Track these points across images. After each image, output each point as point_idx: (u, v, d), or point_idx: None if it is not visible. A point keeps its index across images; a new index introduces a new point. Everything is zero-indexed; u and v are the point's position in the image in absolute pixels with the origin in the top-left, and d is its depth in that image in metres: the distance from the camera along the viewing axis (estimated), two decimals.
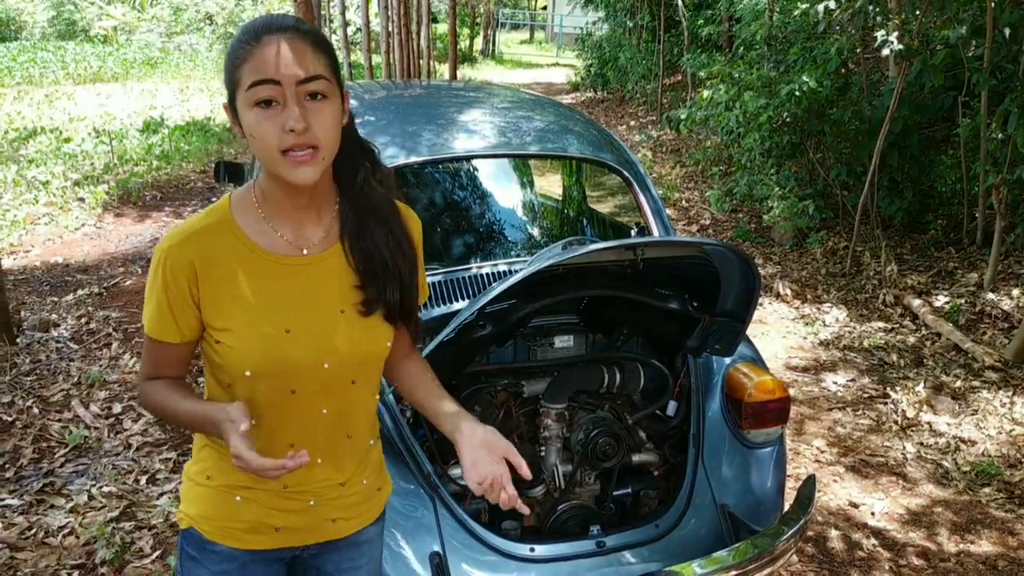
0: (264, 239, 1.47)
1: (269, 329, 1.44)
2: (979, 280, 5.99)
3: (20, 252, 7.08)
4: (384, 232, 1.52)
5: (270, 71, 1.32)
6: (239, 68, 1.35)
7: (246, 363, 1.44)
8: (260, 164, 1.44)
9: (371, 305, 1.51)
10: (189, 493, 1.60)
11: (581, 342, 2.81)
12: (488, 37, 31.80)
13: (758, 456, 2.70)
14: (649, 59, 15.87)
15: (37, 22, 31.25)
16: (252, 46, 1.34)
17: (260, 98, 1.33)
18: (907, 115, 6.79)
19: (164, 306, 1.44)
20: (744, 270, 2.31)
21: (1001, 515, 3.66)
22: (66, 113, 14.32)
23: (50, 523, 3.42)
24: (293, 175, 1.37)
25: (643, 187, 3.12)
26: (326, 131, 1.37)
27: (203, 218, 1.47)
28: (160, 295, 1.44)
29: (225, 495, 1.54)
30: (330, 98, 1.38)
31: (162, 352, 1.50)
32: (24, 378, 4.67)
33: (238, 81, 1.35)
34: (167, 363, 1.52)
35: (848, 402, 4.72)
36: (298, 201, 1.47)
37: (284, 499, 1.55)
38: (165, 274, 1.42)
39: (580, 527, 2.52)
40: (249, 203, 1.49)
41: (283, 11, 28.05)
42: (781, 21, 9.05)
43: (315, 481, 1.56)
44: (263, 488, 1.52)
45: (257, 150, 1.38)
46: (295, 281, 1.48)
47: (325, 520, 1.60)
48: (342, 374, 1.51)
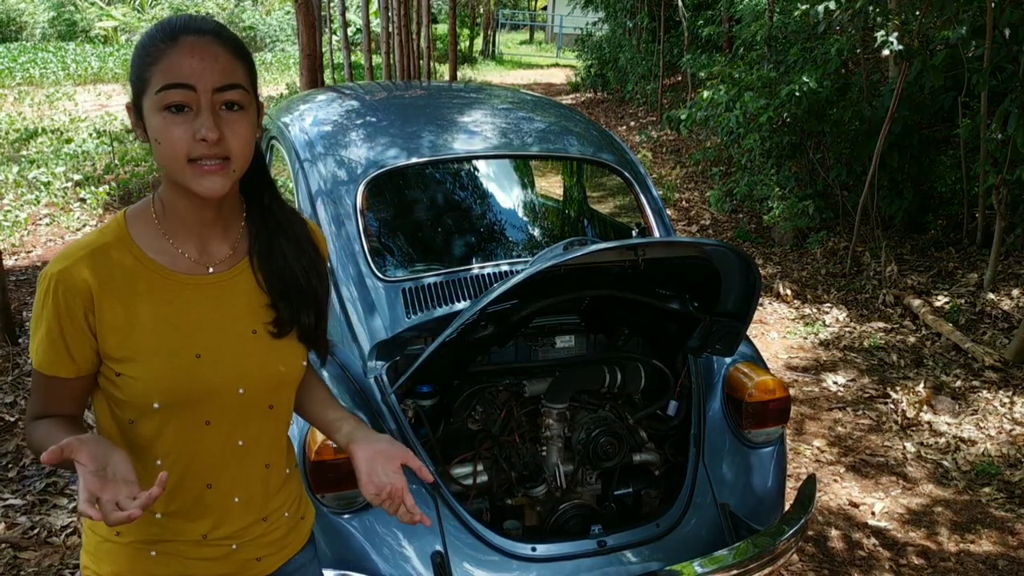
0: (165, 257, 1.35)
1: (178, 355, 1.33)
2: (979, 280, 6.00)
3: (21, 253, 7.09)
4: (295, 250, 1.44)
5: (185, 75, 1.23)
6: (150, 68, 1.24)
7: (153, 394, 1.31)
8: (162, 176, 1.34)
9: (284, 327, 1.41)
10: (97, 549, 1.43)
11: (582, 342, 2.82)
12: (488, 37, 31.82)
13: (759, 456, 2.71)
14: (649, 59, 15.88)
15: (38, 23, 31.27)
16: (167, 46, 1.24)
17: (171, 102, 1.24)
18: (907, 115, 6.80)
19: (55, 336, 1.29)
20: (744, 270, 2.32)
21: (1001, 515, 3.67)
22: (67, 114, 14.34)
23: (53, 523, 3.43)
24: (200, 185, 1.27)
25: (643, 188, 3.13)
26: (240, 143, 1.28)
27: (96, 237, 1.33)
28: (51, 324, 1.29)
29: (138, 551, 1.40)
30: (246, 109, 1.29)
31: (54, 389, 1.34)
32: (26, 378, 4.68)
33: (147, 80, 1.25)
34: (59, 401, 1.35)
35: (848, 402, 4.73)
36: (204, 215, 1.36)
37: (202, 547, 1.43)
38: (57, 300, 1.28)
39: (581, 527, 2.53)
40: (148, 219, 1.36)
41: (284, 12, 28.10)
42: (781, 22, 9.06)
43: (235, 523, 1.44)
44: (180, 540, 1.41)
45: (162, 157, 1.27)
46: (202, 301, 1.37)
47: (249, 560, 1.48)
48: (258, 399, 1.41)
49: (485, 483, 2.57)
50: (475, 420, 2.65)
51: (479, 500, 2.57)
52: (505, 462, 2.59)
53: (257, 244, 1.42)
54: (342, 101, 3.69)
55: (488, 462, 2.60)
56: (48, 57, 23.19)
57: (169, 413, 1.33)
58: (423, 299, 2.60)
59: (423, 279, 2.66)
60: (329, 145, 3.06)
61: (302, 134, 3.15)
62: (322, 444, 2.21)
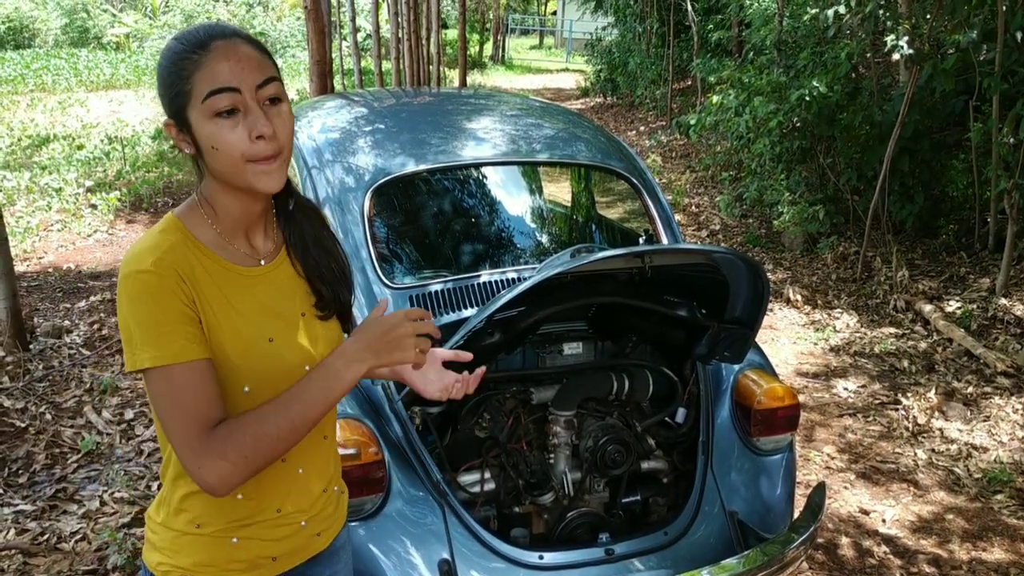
0: (226, 253, 1.42)
1: (256, 341, 1.40)
2: (991, 285, 5.96)
3: (33, 258, 7.13)
4: (319, 235, 1.53)
5: (226, 78, 1.27)
6: (188, 80, 1.28)
7: (244, 380, 1.37)
8: (209, 179, 1.38)
9: (327, 309, 1.51)
10: (175, 543, 1.46)
11: (590, 349, 2.82)
12: (498, 43, 31.86)
13: (767, 463, 2.70)
14: (659, 64, 15.87)
15: (50, 29, 31.47)
16: (200, 55, 1.28)
17: (221, 108, 1.28)
18: (918, 119, 6.77)
19: (176, 319, 1.29)
20: (753, 277, 2.31)
21: (1013, 522, 3.64)
22: (79, 120, 14.42)
23: (63, 528, 3.44)
24: (261, 183, 1.33)
25: (652, 194, 3.13)
26: (287, 134, 1.35)
27: (163, 236, 1.36)
28: (167, 310, 1.29)
29: (220, 540, 1.46)
30: (284, 100, 1.36)
31: (199, 378, 1.31)
32: (37, 384, 4.70)
33: (189, 93, 1.28)
34: (213, 392, 1.32)
35: (859, 408, 4.70)
36: (254, 212, 1.43)
37: (278, 527, 1.49)
38: (165, 284, 1.29)
39: (589, 534, 2.53)
40: (200, 219, 1.41)
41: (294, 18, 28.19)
42: (791, 26, 9.05)
43: (303, 496, 1.52)
44: (258, 520, 1.47)
45: (221, 163, 1.31)
46: (261, 291, 1.44)
47: (312, 536, 1.57)
48: None
49: (492, 491, 2.57)
50: (482, 427, 2.64)
51: (486, 508, 2.57)
52: (512, 470, 2.58)
53: (291, 235, 1.50)
54: (350, 108, 3.70)
55: (495, 470, 2.59)
56: (60, 64, 23.34)
57: (256, 396, 1.38)
58: (430, 306, 2.60)
59: (430, 286, 2.66)
60: (337, 152, 3.06)
61: (310, 141, 3.15)
62: None
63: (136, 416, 4.40)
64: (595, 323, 2.77)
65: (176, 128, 1.34)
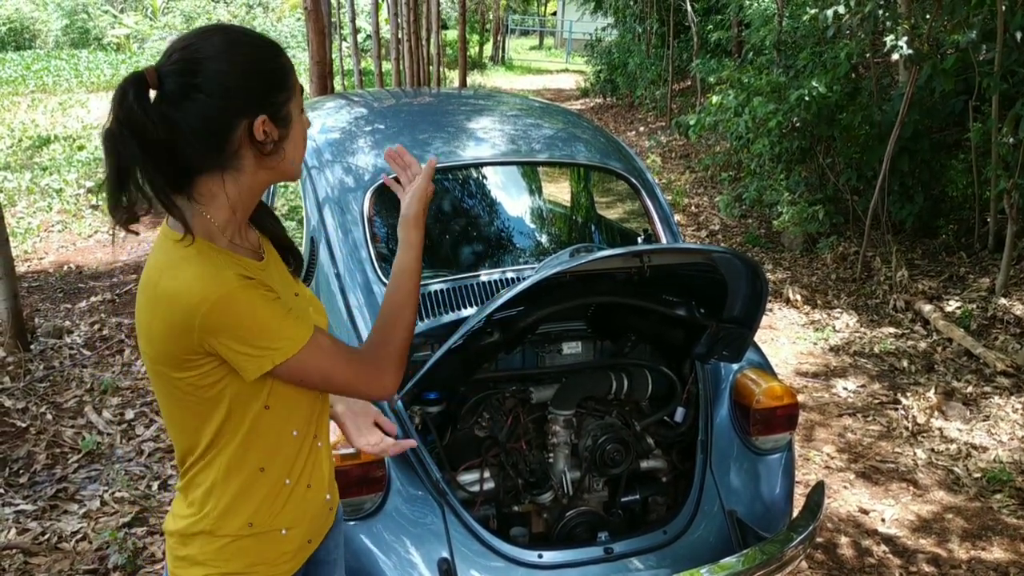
0: (243, 253, 1.45)
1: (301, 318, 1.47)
2: (991, 285, 5.96)
3: (34, 259, 7.14)
4: (263, 208, 1.58)
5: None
6: (287, 78, 1.40)
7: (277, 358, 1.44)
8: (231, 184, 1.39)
9: (298, 271, 1.61)
10: (223, 552, 1.47)
11: (589, 348, 2.82)
12: (498, 43, 31.86)
13: (767, 462, 2.70)
14: (658, 64, 15.88)
15: (51, 31, 31.47)
16: (282, 57, 1.41)
17: None
18: (917, 119, 6.77)
19: (283, 309, 1.37)
20: (751, 276, 2.32)
21: (1013, 522, 3.64)
22: (79, 121, 14.43)
23: (63, 528, 3.45)
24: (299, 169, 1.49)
25: (651, 194, 3.13)
26: None
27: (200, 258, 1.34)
28: (274, 304, 1.35)
29: (272, 535, 1.49)
30: None
31: (329, 336, 1.45)
32: (38, 384, 4.71)
33: (292, 88, 1.41)
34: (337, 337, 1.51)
35: (858, 408, 4.71)
36: (251, 209, 1.48)
37: (309, 503, 1.55)
38: (252, 287, 1.33)
39: (588, 533, 2.53)
40: (210, 228, 1.39)
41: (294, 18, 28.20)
42: (790, 26, 9.05)
43: (324, 468, 1.59)
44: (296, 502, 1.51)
45: (301, 152, 1.46)
46: (272, 279, 1.46)
47: (328, 510, 1.63)
48: None
49: (492, 490, 2.57)
50: (482, 427, 2.65)
51: (486, 507, 2.57)
52: (512, 469, 2.59)
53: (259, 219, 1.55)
54: (350, 108, 3.70)
55: (495, 469, 2.60)
56: (61, 65, 23.35)
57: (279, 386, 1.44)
58: (430, 305, 2.61)
59: (430, 285, 2.66)
60: (336, 152, 3.07)
61: (310, 141, 3.14)
62: None
63: (136, 416, 4.41)
64: (594, 322, 2.78)
65: (273, 126, 1.37)
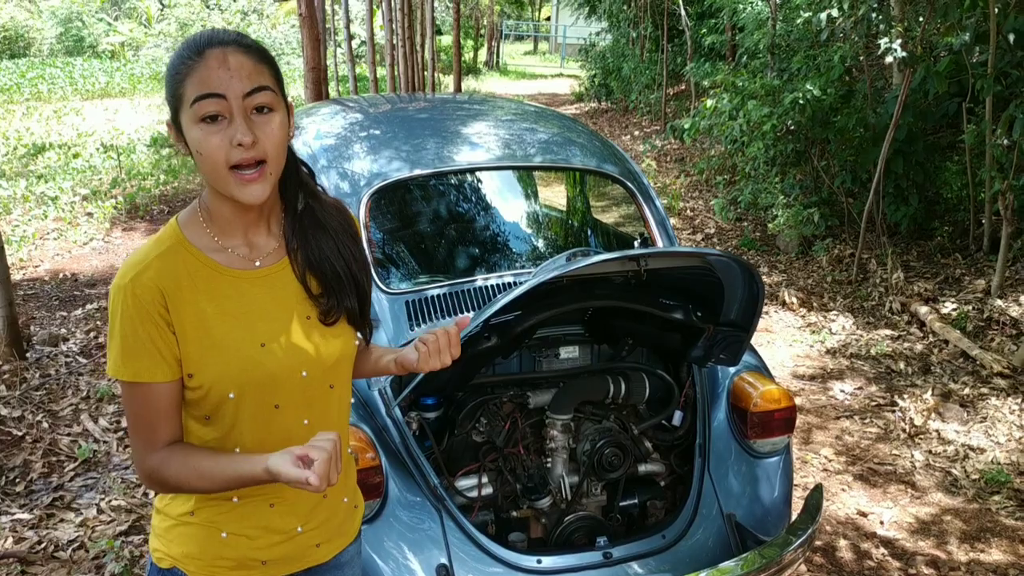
0: (220, 255, 1.43)
1: (245, 346, 1.41)
2: (986, 286, 5.97)
3: (29, 267, 7.12)
4: (333, 242, 1.51)
5: (214, 85, 1.30)
6: (182, 84, 1.31)
7: (229, 386, 1.40)
8: (206, 184, 1.42)
9: (331, 315, 1.49)
10: (170, 532, 1.51)
11: (586, 353, 2.82)
12: (492, 48, 31.92)
13: (764, 466, 2.70)
14: (653, 69, 15.90)
15: (45, 38, 31.46)
16: (195, 60, 1.31)
17: (206, 113, 1.30)
18: (911, 122, 6.79)
19: (144, 340, 1.35)
20: (747, 280, 2.32)
21: (1011, 523, 3.64)
22: (74, 129, 14.42)
23: (60, 537, 3.43)
24: (243, 194, 1.35)
25: (646, 198, 3.14)
26: (273, 143, 1.35)
27: (156, 245, 1.41)
28: (137, 330, 1.35)
29: (211, 532, 1.48)
30: (276, 110, 1.36)
31: (156, 401, 1.38)
32: (34, 392, 4.69)
33: (181, 97, 1.32)
34: (164, 416, 1.40)
35: (855, 410, 4.71)
36: (248, 217, 1.45)
37: (270, 531, 1.50)
38: (139, 305, 1.35)
39: (587, 538, 2.53)
40: (197, 223, 1.44)
41: (289, 25, 28.22)
42: (784, 30, 9.07)
43: (302, 502, 1.52)
44: (250, 520, 1.48)
45: (205, 167, 1.34)
46: (258, 294, 1.44)
47: (310, 547, 1.56)
48: (320, 380, 1.50)
49: (490, 495, 2.57)
50: (479, 432, 2.65)
51: (484, 512, 2.57)
52: (510, 474, 2.58)
53: (294, 241, 1.49)
54: (345, 114, 3.70)
55: (493, 474, 2.60)
56: (56, 72, 23.34)
57: (243, 402, 1.41)
58: (427, 311, 2.60)
59: (427, 291, 2.66)
60: (332, 158, 3.07)
61: (305, 147, 3.16)
62: None
63: None
64: (591, 327, 2.78)
65: (174, 130, 1.38)
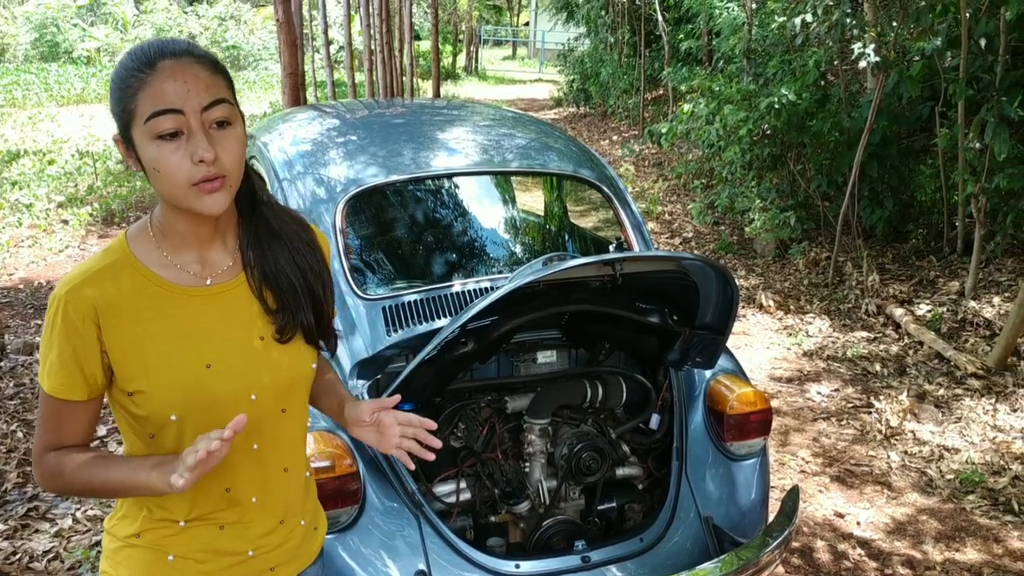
0: (169, 272, 1.37)
1: (188, 367, 1.35)
2: (960, 288, 6.04)
3: (3, 275, 7.04)
4: (288, 254, 1.45)
5: (170, 100, 1.24)
6: (133, 98, 1.25)
7: (169, 407, 1.34)
8: (160, 199, 1.36)
9: (286, 331, 1.43)
10: (117, 554, 1.45)
11: (564, 357, 2.83)
12: (471, 54, 31.94)
13: (741, 468, 2.72)
14: (630, 74, 15.98)
15: (20, 44, 31.12)
16: (146, 74, 1.24)
17: (163, 130, 1.24)
18: (885, 126, 6.86)
19: (67, 358, 1.31)
20: (722, 283, 2.33)
21: (986, 522, 3.68)
22: (49, 135, 14.26)
23: (35, 548, 3.40)
24: (204, 205, 1.29)
25: (623, 202, 3.15)
26: (233, 158, 1.30)
27: (101, 258, 1.35)
28: (62, 346, 1.31)
29: (157, 555, 1.43)
30: (234, 124, 1.32)
31: (68, 414, 1.36)
32: (8, 402, 4.64)
33: (133, 112, 1.26)
34: (73, 428, 1.37)
35: (832, 412, 4.74)
36: (202, 232, 1.39)
37: (220, 555, 1.44)
38: (67, 320, 1.30)
39: (565, 542, 2.53)
40: (147, 239, 1.38)
41: (267, 30, 28.12)
42: (760, 35, 9.14)
43: (253, 526, 1.47)
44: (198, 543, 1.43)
45: (163, 185, 1.28)
46: (208, 313, 1.39)
47: (263, 571, 1.50)
48: (271, 404, 1.44)
49: (468, 500, 2.57)
50: (457, 437, 2.65)
51: (462, 517, 2.57)
52: (488, 479, 2.58)
53: (250, 253, 1.43)
54: (322, 120, 3.69)
55: (471, 479, 2.59)
56: (31, 78, 23.08)
57: (187, 424, 1.36)
58: (404, 316, 2.60)
59: (403, 296, 2.66)
60: (308, 164, 3.06)
61: (281, 153, 3.15)
62: None
63: (109, 432, 4.35)
64: (568, 331, 2.78)
65: (124, 145, 1.32)
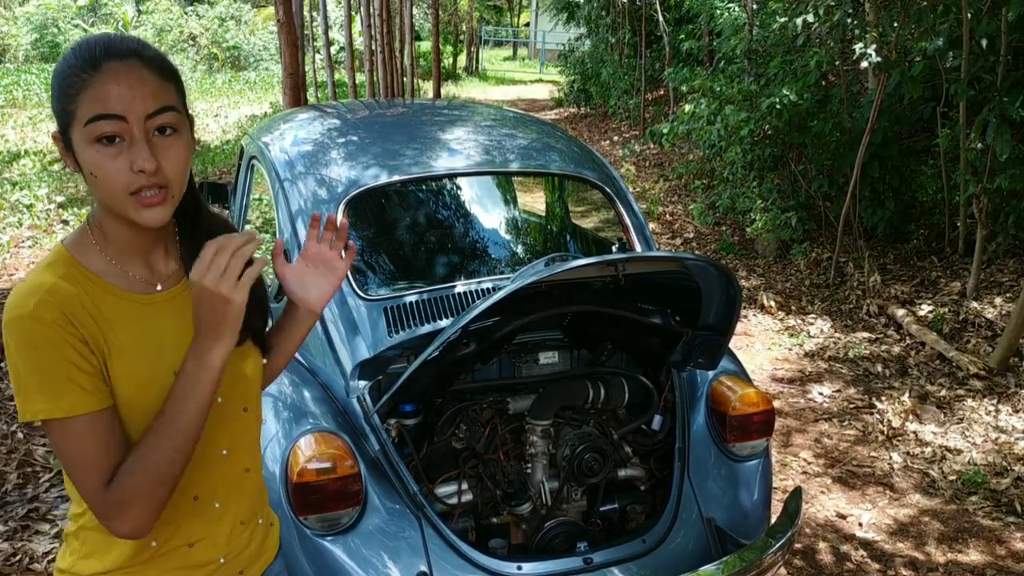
0: (122, 281, 1.30)
1: (160, 375, 1.28)
2: (962, 289, 6.03)
3: (4, 276, 7.04)
4: None
5: (113, 105, 1.17)
6: (74, 99, 1.18)
7: (140, 419, 1.26)
8: (98, 204, 1.29)
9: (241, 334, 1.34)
10: None
11: (566, 358, 2.82)
12: (471, 54, 31.96)
13: (744, 469, 2.71)
14: (631, 74, 15.97)
15: (20, 45, 31.17)
16: (89, 75, 1.17)
17: (102, 134, 1.18)
18: (887, 126, 6.85)
19: (67, 369, 1.19)
20: (725, 284, 2.32)
21: (988, 523, 3.67)
22: (50, 135, 14.27)
23: (35, 549, 3.39)
24: (142, 217, 1.22)
25: (624, 203, 3.14)
26: (177, 169, 1.23)
27: (48, 272, 1.24)
28: (57, 359, 1.19)
29: None
30: (180, 132, 1.24)
31: (99, 429, 1.22)
32: (8, 403, 4.63)
33: (73, 113, 1.19)
34: (113, 440, 1.23)
35: (834, 413, 4.74)
36: (145, 240, 1.32)
37: (193, 569, 1.40)
38: (51, 332, 1.19)
39: (567, 544, 2.52)
40: (90, 246, 1.30)
41: (267, 31, 28.14)
42: (761, 35, 9.14)
43: (221, 531, 1.43)
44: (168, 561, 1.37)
45: (100, 190, 1.21)
46: (164, 319, 1.33)
47: (234, 574, 1.47)
48: (235, 403, 1.41)
49: (470, 501, 2.56)
50: (459, 438, 2.64)
51: (464, 519, 2.56)
52: (490, 480, 2.58)
53: (189, 259, 1.34)
54: (323, 120, 3.69)
55: (473, 480, 2.58)
56: (31, 79, 23.13)
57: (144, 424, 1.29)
58: (405, 317, 2.59)
59: (405, 297, 2.65)
60: (309, 164, 3.05)
61: (282, 154, 3.14)
62: (303, 466, 2.19)
63: None
64: (570, 332, 2.78)
65: (63, 144, 1.25)
